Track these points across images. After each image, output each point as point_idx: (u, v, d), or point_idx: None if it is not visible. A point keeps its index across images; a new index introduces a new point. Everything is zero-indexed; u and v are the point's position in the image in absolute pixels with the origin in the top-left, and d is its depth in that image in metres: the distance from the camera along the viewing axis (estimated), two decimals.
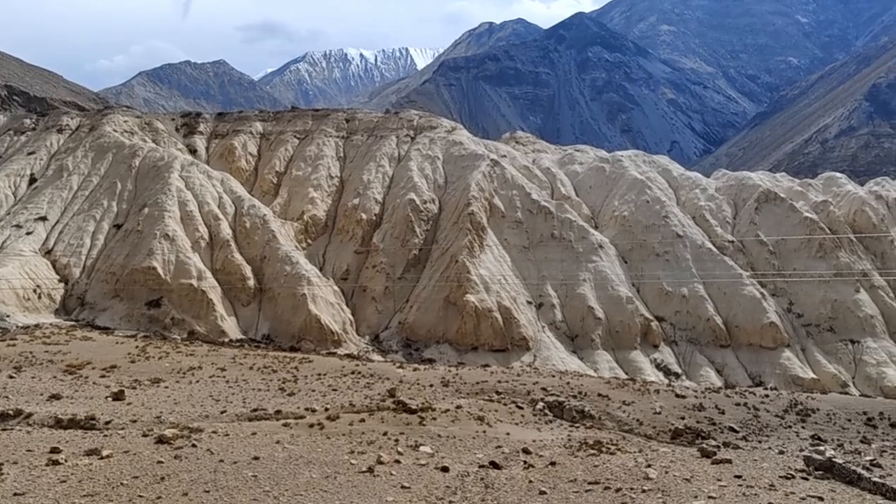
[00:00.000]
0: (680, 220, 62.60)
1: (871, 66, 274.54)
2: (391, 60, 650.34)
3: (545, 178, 68.39)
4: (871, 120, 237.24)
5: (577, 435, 20.16)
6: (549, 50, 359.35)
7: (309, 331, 49.43)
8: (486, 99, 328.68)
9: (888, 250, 63.99)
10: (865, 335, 56.45)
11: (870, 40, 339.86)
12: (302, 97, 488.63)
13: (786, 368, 52.96)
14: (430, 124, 73.35)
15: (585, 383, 28.54)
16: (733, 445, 20.45)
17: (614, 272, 57.79)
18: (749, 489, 14.70)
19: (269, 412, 20.31)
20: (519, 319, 52.00)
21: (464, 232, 56.47)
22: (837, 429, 23.93)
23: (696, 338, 55.40)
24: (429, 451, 16.98)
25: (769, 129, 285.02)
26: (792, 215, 63.61)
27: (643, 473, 15.72)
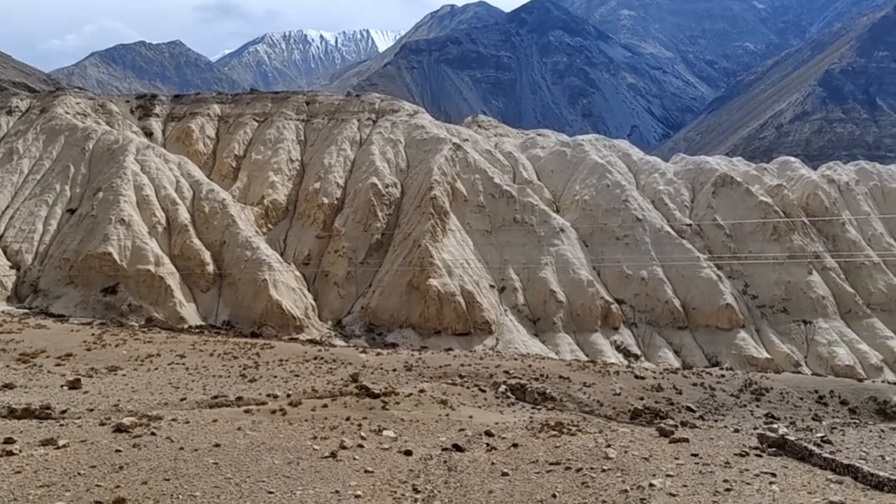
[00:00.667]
0: (640, 204, 63.41)
1: (825, 52, 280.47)
2: (352, 42, 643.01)
3: (507, 162, 68.59)
4: (824, 105, 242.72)
5: (539, 417, 20.42)
6: (510, 33, 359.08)
7: (270, 316, 49.01)
8: (448, 82, 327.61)
9: (839, 233, 65.75)
10: (817, 316, 58.05)
11: (823, 26, 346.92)
12: (261, 79, 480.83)
13: (741, 349, 54.25)
14: (392, 108, 72.88)
15: (547, 366, 28.88)
16: (690, 424, 20.93)
17: (575, 256, 58.37)
18: (705, 467, 15.07)
19: (230, 399, 20.12)
20: (482, 303, 52.26)
21: (426, 216, 56.40)
22: (790, 407, 24.66)
23: (655, 320, 56.37)
24: (392, 435, 17.04)
25: (726, 114, 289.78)
26: (748, 199, 64.90)
27: (603, 453, 16.01)
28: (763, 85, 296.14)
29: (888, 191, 71.93)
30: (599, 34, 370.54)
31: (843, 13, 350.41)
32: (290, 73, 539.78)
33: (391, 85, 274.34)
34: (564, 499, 13.03)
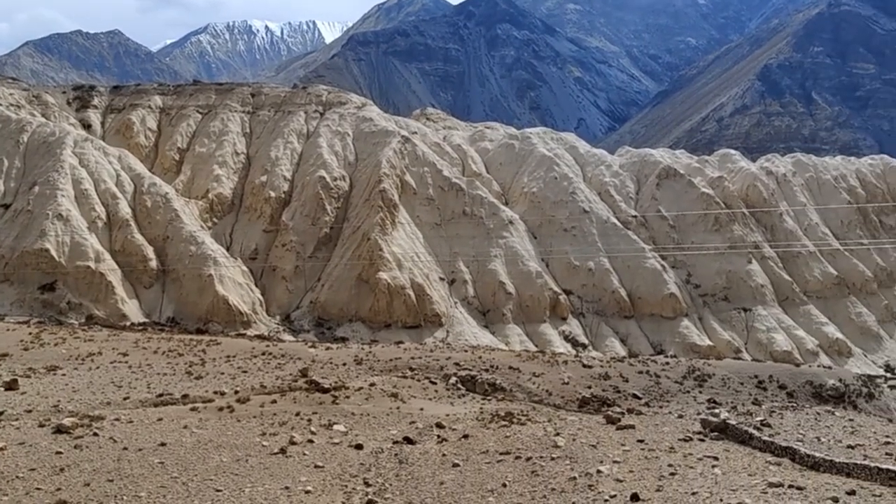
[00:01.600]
0: (586, 196, 64.34)
1: (763, 47, 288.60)
2: (298, 33, 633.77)
3: (456, 154, 68.74)
4: (762, 99, 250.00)
5: (489, 407, 20.58)
6: (458, 26, 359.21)
7: (216, 312, 48.17)
8: (397, 75, 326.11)
9: (777, 223, 67.92)
10: (757, 303, 59.93)
11: (762, 22, 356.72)
12: (204, 70, 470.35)
13: (684, 336, 55.64)
14: (340, 100, 72.23)
15: (497, 357, 29.10)
16: (636, 411, 21.37)
17: (524, 248, 58.92)
18: (651, 452, 15.42)
19: (176, 397, 19.72)
20: (432, 296, 52.35)
21: (375, 209, 56.15)
22: (731, 392, 25.40)
23: (602, 309, 57.36)
24: (342, 429, 16.95)
25: (670, 108, 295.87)
26: (690, 191, 66.46)
27: (552, 442, 16.23)
28: (704, 79, 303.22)
29: (823, 182, 74.58)
30: (546, 28, 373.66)
31: (780, 9, 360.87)
32: (234, 65, 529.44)
33: (338, 77, 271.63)
34: (514, 488, 13.17)
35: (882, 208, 73.86)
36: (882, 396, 28.49)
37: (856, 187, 74.56)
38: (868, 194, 74.24)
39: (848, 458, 14.63)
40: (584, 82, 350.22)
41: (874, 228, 72.33)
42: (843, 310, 63.05)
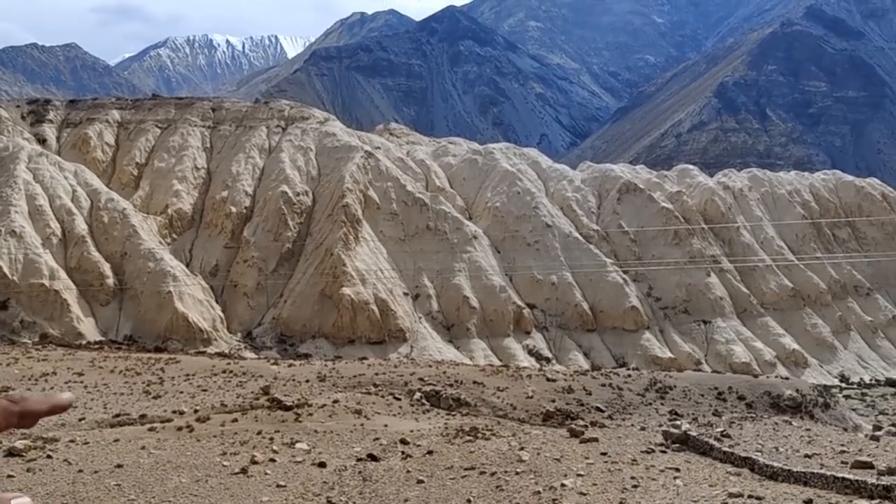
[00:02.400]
0: (549, 211, 64.91)
1: (719, 65, 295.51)
2: (260, 48, 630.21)
3: (420, 170, 68.84)
4: (719, 115, 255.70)
5: (454, 423, 20.51)
6: (421, 42, 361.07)
7: (176, 330, 47.29)
8: (360, 90, 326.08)
9: (735, 237, 69.31)
10: (716, 316, 60.95)
11: (718, 41, 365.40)
12: (164, 84, 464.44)
13: (646, 349, 56.28)
14: (302, 115, 71.90)
15: (461, 371, 29.06)
16: (600, 424, 21.51)
17: (488, 262, 59.13)
18: (614, 465, 15.52)
19: (133, 417, 19.27)
20: (396, 311, 52.15)
21: (339, 224, 55.86)
22: (692, 404, 25.73)
23: (565, 323, 57.76)
24: (305, 447, 16.72)
25: (629, 124, 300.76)
26: (650, 205, 67.51)
27: (516, 456, 16.23)
28: (663, 96, 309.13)
29: (778, 196, 76.39)
30: (508, 45, 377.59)
31: (735, 28, 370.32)
32: (194, 79, 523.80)
33: (301, 92, 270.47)
34: (479, 503, 13.12)
35: (835, 222, 75.90)
36: (837, 406, 29.13)
37: (809, 202, 76.52)
38: (821, 208, 76.24)
39: (805, 467, 14.90)
40: (546, 98, 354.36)
41: (828, 242, 74.24)
42: (798, 321, 64.46)
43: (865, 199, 77.22)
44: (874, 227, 75.41)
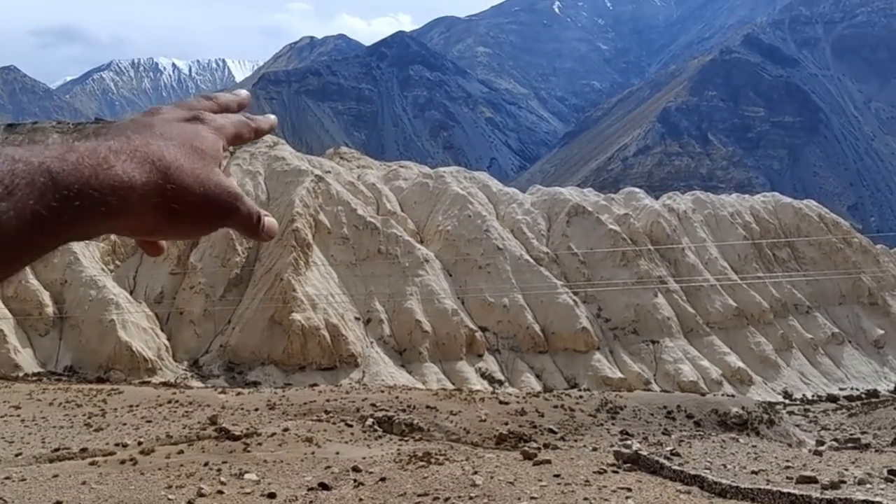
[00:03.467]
0: (500, 234, 65.41)
1: (662, 91, 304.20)
2: (207, 71, 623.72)
3: (371, 193, 68.71)
4: (663, 140, 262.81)
5: (407, 448, 20.31)
6: (371, 67, 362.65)
7: (119, 359, 45.89)
8: (309, 114, 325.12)
9: (680, 258, 70.86)
10: (664, 335, 62.02)
11: (660, 67, 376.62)
12: (107, 108, 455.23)
13: (597, 370, 56.86)
14: None
15: (414, 396, 28.87)
16: (553, 446, 21.58)
17: (440, 286, 59.15)
18: (567, 487, 15.56)
19: (74, 451, 18.55)
20: (347, 336, 51.65)
21: (288, 249, 55.24)
22: (642, 423, 26.04)
23: (517, 345, 58.02)
24: (254, 478, 16.33)
25: (577, 148, 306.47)
26: (598, 227, 68.64)
27: (470, 481, 16.13)
28: (609, 121, 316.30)
29: (720, 218, 78.48)
30: (458, 70, 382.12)
31: (677, 56, 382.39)
32: (139, 102, 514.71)
33: None
34: None
35: (775, 243, 78.30)
36: (782, 422, 29.85)
37: (750, 223, 78.82)
38: (762, 229, 78.61)
39: (752, 483, 15.19)
40: (496, 123, 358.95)
41: (768, 262, 76.48)
42: (743, 340, 66.01)
43: (803, 220, 79.96)
44: (812, 248, 78.06)
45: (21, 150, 0.82)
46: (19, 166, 0.79)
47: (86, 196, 0.83)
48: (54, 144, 0.86)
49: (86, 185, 0.83)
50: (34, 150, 0.84)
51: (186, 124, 1.05)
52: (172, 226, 0.95)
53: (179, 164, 0.95)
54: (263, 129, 1.23)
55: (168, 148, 0.96)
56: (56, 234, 0.81)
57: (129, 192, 0.88)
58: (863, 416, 39.68)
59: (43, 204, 0.79)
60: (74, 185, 0.82)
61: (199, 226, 0.99)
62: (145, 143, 0.94)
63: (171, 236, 0.99)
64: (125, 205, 0.88)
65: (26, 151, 0.82)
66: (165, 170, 0.93)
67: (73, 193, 0.81)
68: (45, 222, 0.79)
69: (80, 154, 0.86)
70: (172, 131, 1.01)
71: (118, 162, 0.88)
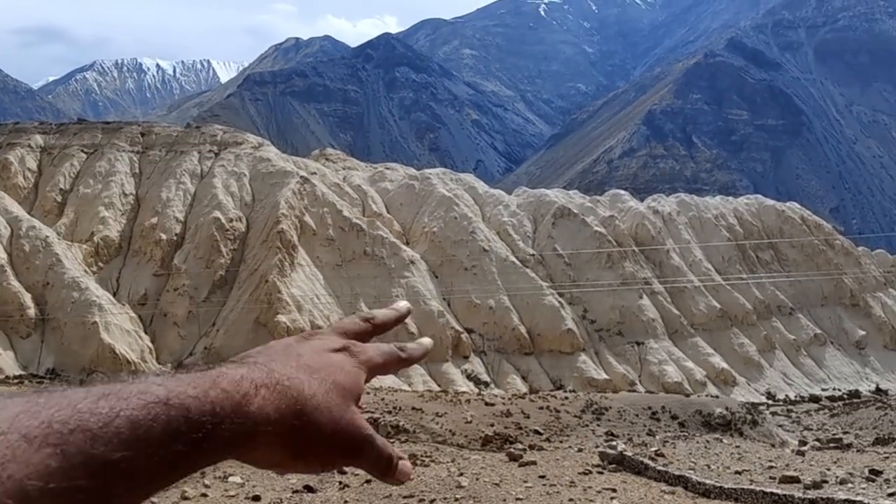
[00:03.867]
0: (486, 236, 65.49)
1: (647, 93, 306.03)
2: (191, 72, 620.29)
3: (356, 195, 68.59)
4: (648, 142, 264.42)
5: None
6: (357, 68, 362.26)
7: (102, 362, 45.48)
8: (295, 115, 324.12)
9: (665, 260, 71.28)
10: (648, 337, 62.33)
11: (645, 70, 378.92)
12: (90, 108, 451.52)
13: (582, 371, 57.04)
14: (236, 140, 70.85)
15: (400, 398, 28.83)
16: (538, 447, 21.60)
17: (426, 287, 59.11)
18: (552, 488, 15.57)
19: None
20: None
21: (274, 251, 55.00)
22: (627, 424, 26.14)
23: (503, 347, 58.09)
24: (239, 481, 16.22)
25: (563, 150, 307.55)
26: (584, 229, 68.90)
27: (456, 482, 16.11)
28: (594, 123, 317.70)
29: (704, 220, 79.03)
30: (444, 72, 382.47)
31: (661, 59, 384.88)
32: (123, 103, 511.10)
33: (234, 117, 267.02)
34: None
35: (758, 244, 78.94)
36: (765, 423, 30.08)
37: (734, 225, 79.43)
38: (745, 231, 79.23)
39: (736, 483, 15.27)
40: (482, 125, 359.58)
41: (752, 264, 77.09)
42: (726, 341, 66.48)
43: (786, 222, 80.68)
44: (795, 249, 78.77)
45: (164, 390, 0.79)
46: (157, 410, 0.78)
47: (216, 437, 0.80)
48: (198, 376, 0.84)
49: (218, 425, 0.81)
50: (179, 386, 0.81)
51: (334, 355, 1.02)
52: (298, 461, 0.92)
53: (317, 403, 0.92)
54: (415, 358, 1.17)
55: (310, 382, 0.93)
56: (183, 469, 0.80)
57: (260, 430, 0.85)
58: (844, 416, 40.05)
59: (173, 450, 0.77)
60: (208, 425, 0.80)
61: (326, 463, 0.95)
62: (287, 377, 0.91)
63: (297, 470, 0.94)
64: (253, 441, 0.85)
65: (170, 391, 0.80)
66: (301, 406, 0.90)
67: (203, 435, 0.79)
68: (174, 463, 0.78)
69: (223, 389, 0.84)
70: (320, 363, 0.98)
71: (257, 398, 0.86)
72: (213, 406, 0.81)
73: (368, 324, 1.17)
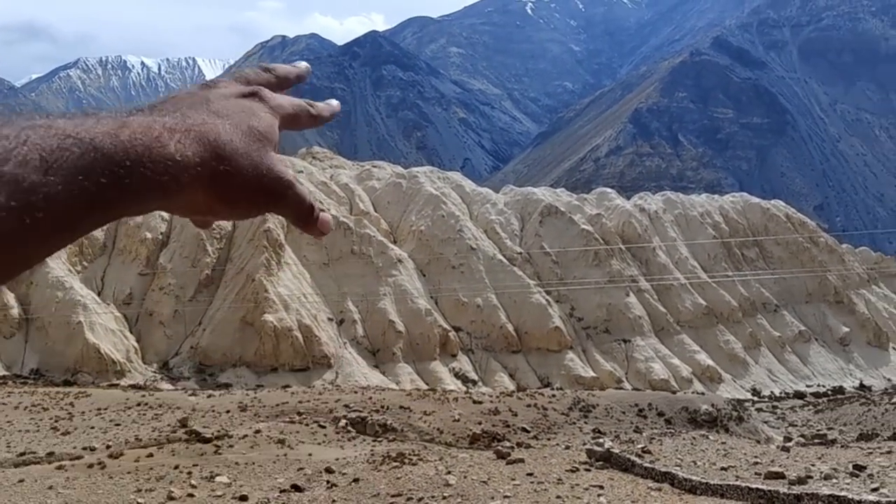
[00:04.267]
0: (473, 234, 65.52)
1: (634, 92, 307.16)
2: (177, 70, 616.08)
3: (343, 193, 68.41)
4: (634, 141, 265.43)
5: (380, 449, 20.26)
6: (343, 66, 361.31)
7: (86, 362, 45.13)
8: None
9: (651, 257, 71.61)
10: (635, 334, 62.61)
11: (632, 69, 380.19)
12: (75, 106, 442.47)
13: (570, 369, 57.23)
14: None
15: (387, 397, 28.82)
16: (526, 445, 21.67)
17: (413, 286, 59.08)
18: (540, 485, 15.63)
19: (40, 455, 18.21)
20: (320, 337, 51.35)
21: (260, 249, 54.77)
22: (614, 421, 26.27)
23: (491, 345, 58.17)
24: (226, 480, 16.16)
25: (550, 148, 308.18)
26: (571, 227, 69.09)
27: (443, 480, 16.14)
28: (581, 121, 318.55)
29: (690, 218, 79.46)
30: (431, 70, 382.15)
31: (648, 57, 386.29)
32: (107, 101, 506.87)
33: None
34: None
35: (743, 242, 79.44)
36: (750, 419, 30.32)
37: (720, 223, 79.91)
38: (731, 229, 79.72)
39: (722, 479, 15.39)
40: (469, 123, 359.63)
41: (737, 261, 77.58)
42: (712, 338, 66.88)
43: (771, 220, 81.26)
44: (780, 247, 79.36)
45: (71, 124, 0.78)
46: (69, 142, 0.76)
47: (137, 174, 0.80)
48: (106, 119, 0.82)
49: (137, 163, 0.80)
50: (86, 123, 0.80)
51: (243, 100, 1.00)
52: (224, 206, 0.92)
53: (234, 146, 0.91)
54: (324, 117, 1.17)
55: (224, 126, 0.92)
56: (105, 210, 0.79)
57: (181, 172, 0.84)
58: (829, 412, 40.44)
59: (92, 180, 0.76)
60: (125, 162, 0.79)
61: (251, 207, 0.95)
62: (201, 122, 0.90)
63: (223, 217, 0.95)
64: (177, 184, 0.84)
65: (77, 126, 0.79)
66: (220, 150, 0.89)
67: (123, 170, 0.78)
68: (94, 198, 0.76)
69: (133, 131, 0.82)
70: (229, 108, 0.96)
71: (171, 140, 0.85)
72: (126, 145, 0.80)
73: (270, 74, 1.13)
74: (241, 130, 0.94)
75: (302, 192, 1.00)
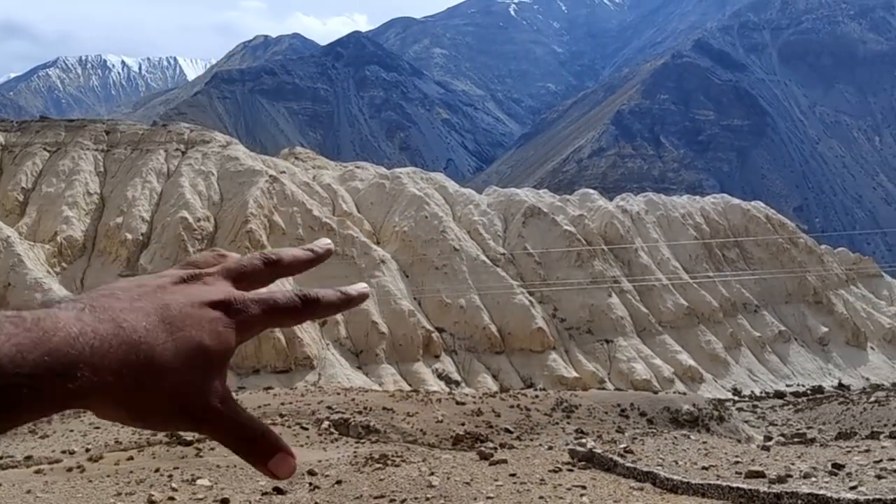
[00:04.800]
0: (456, 235, 65.56)
1: (616, 93, 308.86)
2: (158, 69, 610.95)
3: (326, 194, 68.20)
4: (616, 142, 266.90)
5: (363, 451, 20.20)
6: (326, 66, 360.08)
7: None
8: (264, 113, 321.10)
9: (633, 258, 72.04)
10: (617, 335, 62.94)
11: (614, 71, 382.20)
12: (53, 106, 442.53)
13: (552, 369, 57.41)
14: (203, 138, 69.98)
15: (370, 398, 28.74)
16: (509, 445, 21.70)
17: (397, 286, 59.00)
18: (522, 486, 15.66)
19: (17, 459, 17.97)
20: (302, 338, 51.15)
21: (242, 250, 54.31)
22: (597, 421, 26.38)
23: (474, 346, 58.22)
24: (207, 483, 16.04)
25: (533, 149, 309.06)
26: (554, 228, 69.33)
27: (427, 482, 16.12)
28: (564, 123, 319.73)
29: (672, 219, 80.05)
30: (414, 70, 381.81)
31: (630, 59, 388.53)
32: (87, 101, 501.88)
33: (202, 115, 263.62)
34: None
35: (724, 243, 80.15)
36: (731, 419, 30.57)
37: (701, 224, 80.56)
38: (712, 230, 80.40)
39: (703, 479, 15.50)
40: (452, 124, 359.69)
41: (718, 262, 78.26)
42: (693, 338, 67.41)
43: (751, 221, 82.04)
44: (760, 248, 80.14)
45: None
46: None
47: (35, 395, 0.72)
48: (28, 327, 0.74)
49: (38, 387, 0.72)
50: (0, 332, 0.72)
51: (208, 312, 0.86)
52: (136, 421, 0.82)
53: (163, 369, 0.80)
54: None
55: (164, 347, 0.81)
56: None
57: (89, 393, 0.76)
58: (808, 411, 40.87)
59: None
60: (23, 388, 0.71)
61: (167, 428, 0.85)
62: (137, 336, 0.80)
63: (134, 426, 0.84)
64: (84, 401, 0.76)
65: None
66: (145, 374, 0.79)
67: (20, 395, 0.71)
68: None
69: (48, 352, 0.73)
70: (186, 320, 0.84)
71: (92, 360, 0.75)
72: (32, 370, 0.71)
73: (271, 267, 0.97)
74: (186, 350, 0.81)
75: (233, 423, 0.87)
